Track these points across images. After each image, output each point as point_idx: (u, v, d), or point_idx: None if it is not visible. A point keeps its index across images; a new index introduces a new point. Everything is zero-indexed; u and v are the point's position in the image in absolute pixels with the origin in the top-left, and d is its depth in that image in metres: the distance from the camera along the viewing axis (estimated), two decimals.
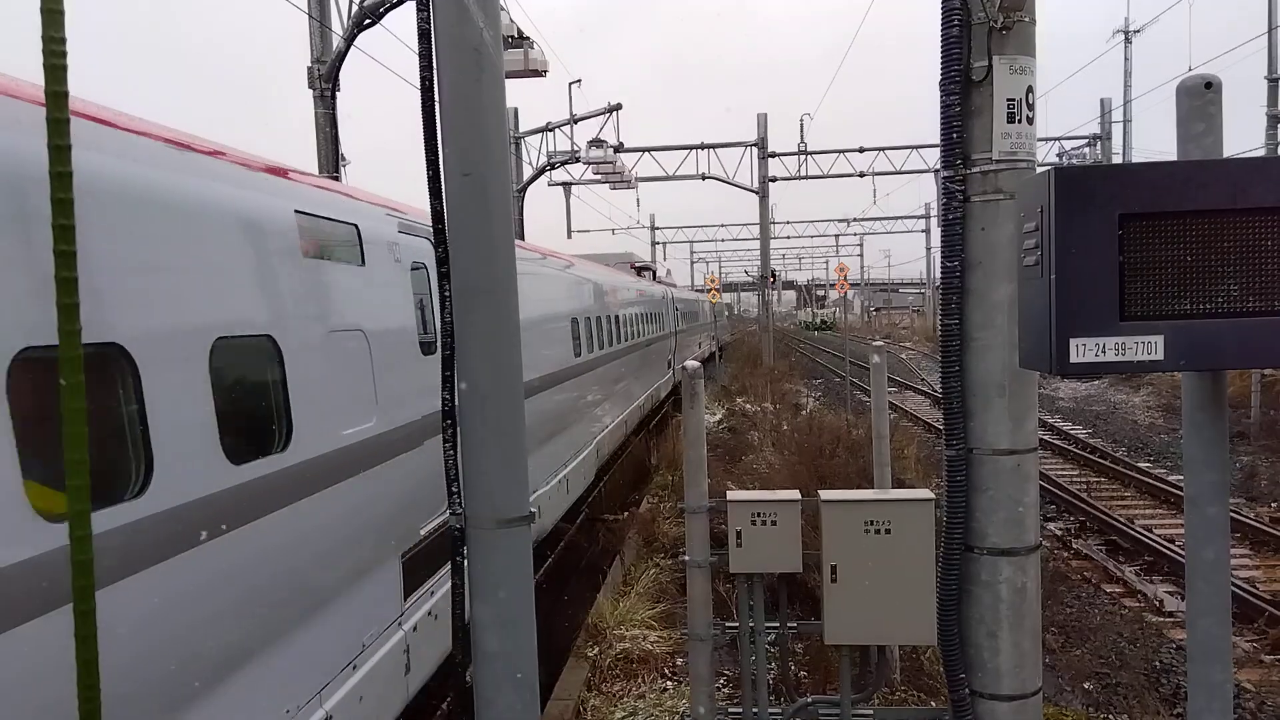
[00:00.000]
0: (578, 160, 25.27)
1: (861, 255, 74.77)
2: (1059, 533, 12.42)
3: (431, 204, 3.23)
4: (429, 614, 5.56)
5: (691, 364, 4.71)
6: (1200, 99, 2.45)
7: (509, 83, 3.50)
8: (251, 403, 3.95)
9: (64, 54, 1.42)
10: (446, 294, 3.24)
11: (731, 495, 4.55)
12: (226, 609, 3.47)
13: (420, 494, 5.49)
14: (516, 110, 24.81)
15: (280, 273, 4.14)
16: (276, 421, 4.02)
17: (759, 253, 33.49)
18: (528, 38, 15.10)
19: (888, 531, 4.24)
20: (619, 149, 25.15)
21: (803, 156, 30.27)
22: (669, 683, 7.08)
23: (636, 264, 30.91)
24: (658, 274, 37.50)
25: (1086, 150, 32.38)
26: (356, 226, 5.00)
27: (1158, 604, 9.71)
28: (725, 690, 6.82)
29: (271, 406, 4.03)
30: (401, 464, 5.22)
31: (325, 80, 11.31)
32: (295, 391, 4.05)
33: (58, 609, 2.38)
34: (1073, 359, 2.32)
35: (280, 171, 4.62)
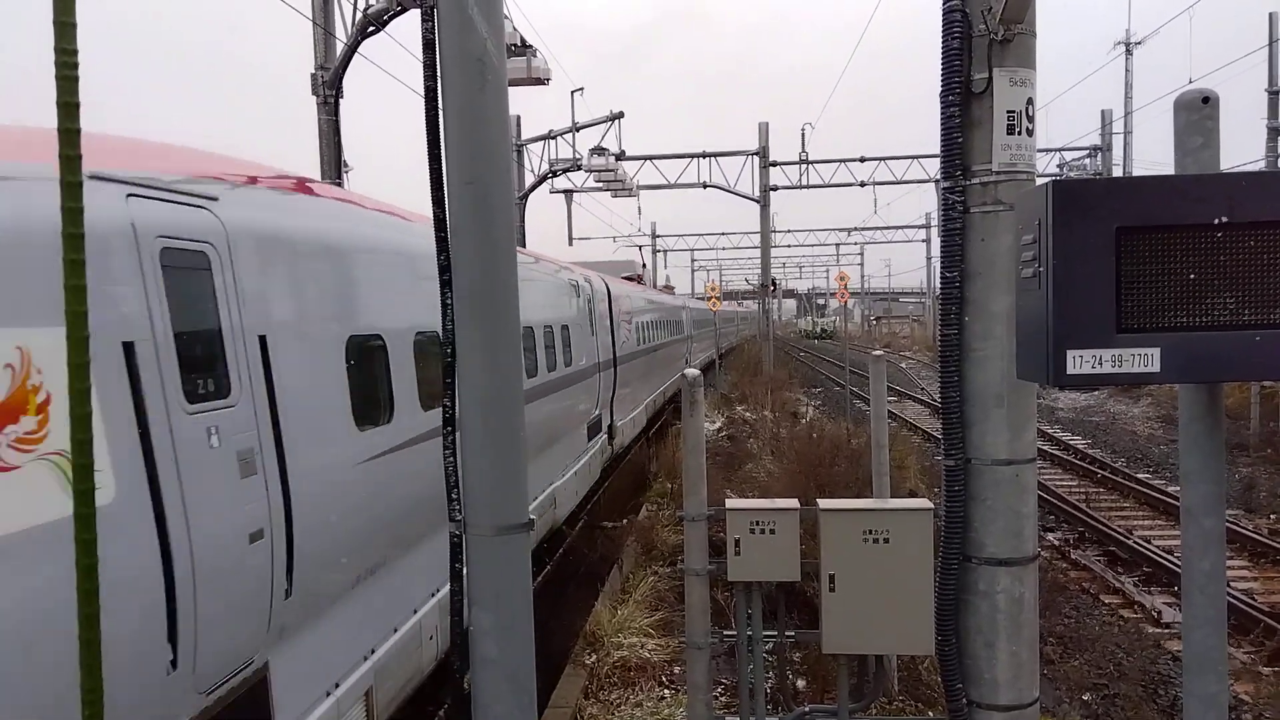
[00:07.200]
0: (580, 168, 25.33)
1: (862, 264, 74.81)
2: (1058, 543, 12.42)
3: (434, 211, 3.26)
4: None
5: (691, 372, 4.72)
6: (1197, 114, 2.47)
7: (511, 90, 3.53)
8: None
9: (75, 65, 1.45)
10: (448, 301, 3.26)
11: (730, 503, 4.56)
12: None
13: None
14: (519, 117, 24.87)
15: None
16: None
17: (760, 261, 33.50)
18: (530, 46, 15.16)
19: (886, 541, 4.25)
20: (620, 157, 25.20)
21: (804, 165, 30.30)
22: (666, 691, 7.07)
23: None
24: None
25: (1087, 161, 32.42)
26: None
27: (1156, 615, 9.70)
28: (723, 699, 6.82)
29: None
30: None
31: (329, 87, 11.35)
32: None
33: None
34: (1070, 370, 2.34)
35: None
